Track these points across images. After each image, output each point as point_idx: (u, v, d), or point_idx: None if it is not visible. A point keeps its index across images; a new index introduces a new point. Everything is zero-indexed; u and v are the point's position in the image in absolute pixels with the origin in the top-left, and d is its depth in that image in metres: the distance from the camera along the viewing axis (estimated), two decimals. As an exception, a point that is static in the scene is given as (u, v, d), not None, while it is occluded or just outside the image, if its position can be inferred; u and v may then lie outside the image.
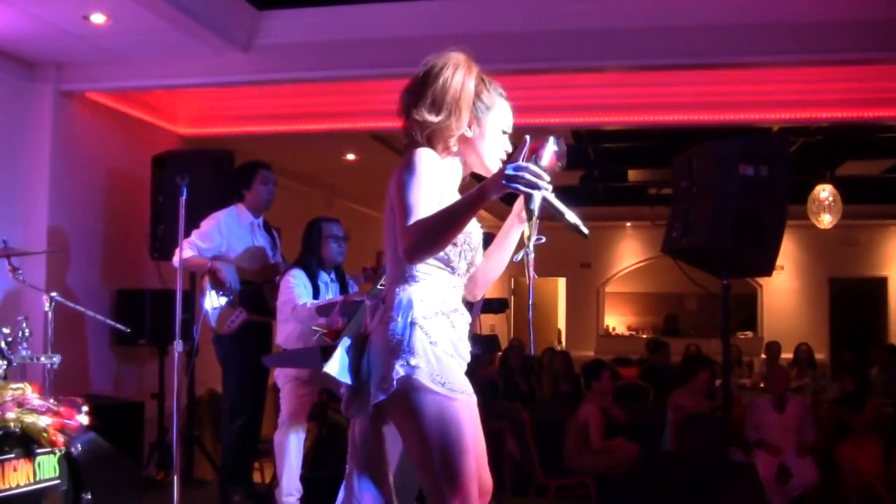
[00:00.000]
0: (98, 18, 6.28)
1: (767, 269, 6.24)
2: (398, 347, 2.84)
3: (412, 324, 2.85)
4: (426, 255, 2.86)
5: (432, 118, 2.95)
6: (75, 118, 7.55)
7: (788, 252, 15.63)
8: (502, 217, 3.18)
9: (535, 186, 2.67)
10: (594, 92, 7.92)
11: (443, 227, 2.77)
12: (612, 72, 7.44)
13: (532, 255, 2.88)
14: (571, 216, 2.87)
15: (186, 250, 5.88)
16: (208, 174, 6.93)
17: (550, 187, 2.73)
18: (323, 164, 11.23)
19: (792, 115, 7.76)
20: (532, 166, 2.67)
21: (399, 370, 2.81)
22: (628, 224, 17.61)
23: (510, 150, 3.08)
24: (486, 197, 2.72)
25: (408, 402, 2.83)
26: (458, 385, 2.86)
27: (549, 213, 2.85)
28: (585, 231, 2.87)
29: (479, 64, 3.15)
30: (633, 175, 12.89)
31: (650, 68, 7.20)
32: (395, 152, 2.83)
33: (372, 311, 3.05)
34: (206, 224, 6.20)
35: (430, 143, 2.97)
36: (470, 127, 3.03)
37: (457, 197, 2.98)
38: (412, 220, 2.77)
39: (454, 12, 6.73)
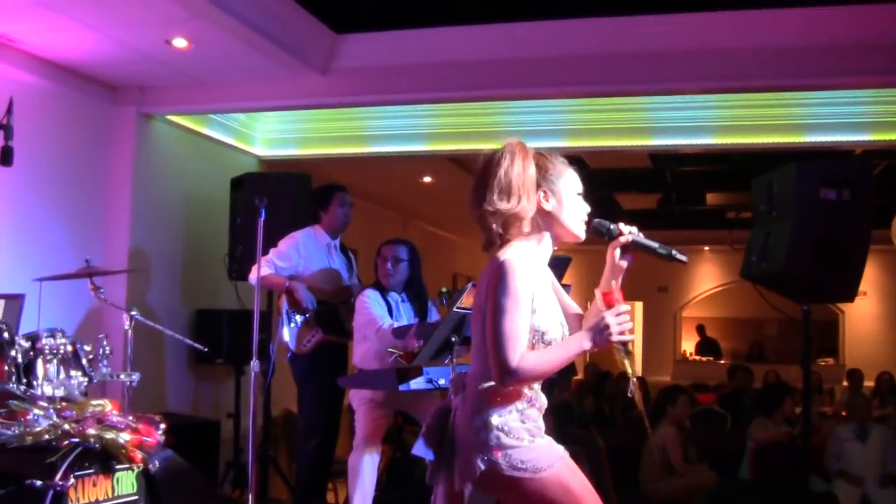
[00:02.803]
0: (180, 43, 6.39)
1: (850, 294, 6.10)
2: (476, 442, 3.01)
3: (487, 422, 3.01)
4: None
5: (504, 205, 3.04)
6: (156, 140, 7.68)
7: (871, 277, 15.31)
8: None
9: (628, 332, 3.03)
10: (672, 114, 7.85)
11: (546, 374, 3.03)
12: (690, 94, 7.37)
13: (636, 392, 3.14)
14: (663, 248, 3.22)
15: (264, 268, 5.93)
16: (286, 196, 6.99)
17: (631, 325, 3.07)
18: (399, 187, 11.27)
19: (875, 137, 7.60)
20: (622, 314, 3.01)
21: (480, 465, 2.98)
22: (706, 248, 17.43)
23: (589, 210, 3.24)
24: (586, 351, 3.06)
25: (499, 487, 3.03)
26: (543, 461, 3.00)
27: (643, 251, 3.22)
28: (683, 258, 3.23)
29: (558, 87, 3.23)
30: (711, 198, 12.73)
31: (728, 90, 7.13)
32: (472, 175, 2.93)
33: (455, 387, 3.21)
34: (285, 243, 6.26)
35: (506, 229, 3.08)
36: (547, 201, 3.14)
37: (547, 287, 3.18)
38: (513, 357, 2.92)
39: (532, 35, 6.72)
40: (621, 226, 3.22)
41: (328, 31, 6.95)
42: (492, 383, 3.02)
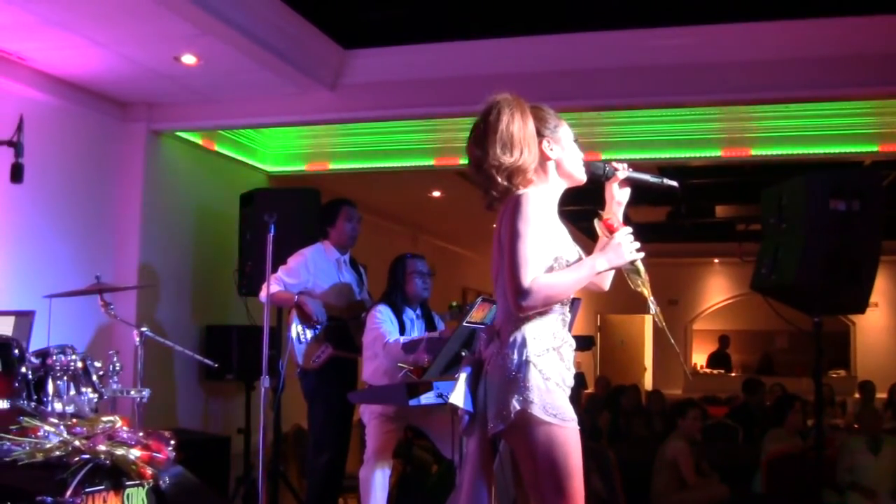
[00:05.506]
0: (189, 59, 6.42)
1: (860, 306, 6.07)
2: (514, 383, 3.06)
3: (527, 361, 3.06)
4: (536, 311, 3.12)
5: (508, 159, 3.14)
6: (166, 156, 7.71)
7: (882, 289, 15.26)
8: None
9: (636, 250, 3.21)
10: (681, 127, 7.86)
11: (559, 294, 3.11)
12: (698, 106, 7.38)
13: (658, 312, 3.33)
14: (655, 177, 3.46)
15: (273, 286, 5.92)
16: (295, 211, 6.99)
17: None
18: (409, 201, 11.29)
19: (884, 147, 7.59)
20: (630, 233, 3.21)
21: (515, 405, 3.03)
22: (716, 260, 17.41)
23: (582, 155, 3.41)
24: (604, 270, 3.20)
25: (523, 431, 3.05)
26: (567, 414, 3.07)
27: (638, 186, 3.42)
28: (674, 183, 3.45)
29: (565, 101, 3.28)
30: (720, 211, 12.73)
31: (736, 103, 7.13)
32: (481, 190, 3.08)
33: (486, 341, 3.26)
34: (293, 260, 6.24)
35: (511, 181, 3.15)
36: (551, 149, 3.27)
37: (557, 225, 3.23)
38: (526, 277, 3.02)
39: (539, 50, 6.73)
40: (614, 163, 3.43)
41: (336, 46, 6.97)
42: (524, 323, 3.10)
